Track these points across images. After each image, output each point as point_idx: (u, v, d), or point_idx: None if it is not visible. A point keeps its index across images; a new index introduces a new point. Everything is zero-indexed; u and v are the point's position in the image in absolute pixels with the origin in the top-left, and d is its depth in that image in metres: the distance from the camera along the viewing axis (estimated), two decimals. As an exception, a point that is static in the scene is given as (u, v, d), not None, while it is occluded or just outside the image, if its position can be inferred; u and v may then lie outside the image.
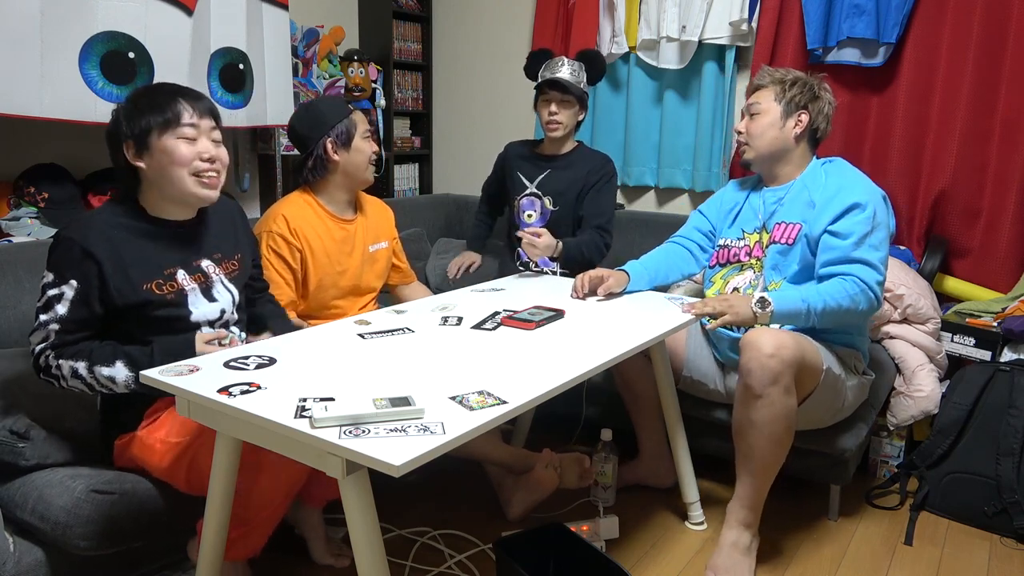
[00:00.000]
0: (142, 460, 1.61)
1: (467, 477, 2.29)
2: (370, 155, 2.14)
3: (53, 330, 1.52)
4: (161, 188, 1.59)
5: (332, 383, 1.34)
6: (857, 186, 1.91)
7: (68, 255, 1.51)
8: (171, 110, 1.55)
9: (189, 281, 1.64)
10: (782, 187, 2.06)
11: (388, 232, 2.34)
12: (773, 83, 2.04)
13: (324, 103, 2.14)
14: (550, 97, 2.54)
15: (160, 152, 1.55)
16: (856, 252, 1.83)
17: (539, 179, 2.65)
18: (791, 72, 2.06)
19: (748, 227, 2.11)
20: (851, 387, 1.96)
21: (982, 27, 2.53)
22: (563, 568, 1.72)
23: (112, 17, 2.19)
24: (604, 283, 2.04)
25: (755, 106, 2.05)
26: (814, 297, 1.82)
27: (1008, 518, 2.11)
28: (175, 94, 1.58)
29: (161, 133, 1.54)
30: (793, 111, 2.01)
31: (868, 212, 1.86)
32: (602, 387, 2.38)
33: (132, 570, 1.65)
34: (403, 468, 1.05)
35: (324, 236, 2.12)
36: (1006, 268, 2.59)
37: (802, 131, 2.01)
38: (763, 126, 2.03)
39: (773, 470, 1.85)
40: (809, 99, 2.01)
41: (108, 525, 1.52)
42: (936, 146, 2.67)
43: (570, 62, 2.55)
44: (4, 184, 2.33)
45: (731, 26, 2.97)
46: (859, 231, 1.84)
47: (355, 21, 3.75)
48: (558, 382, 1.37)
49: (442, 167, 4.04)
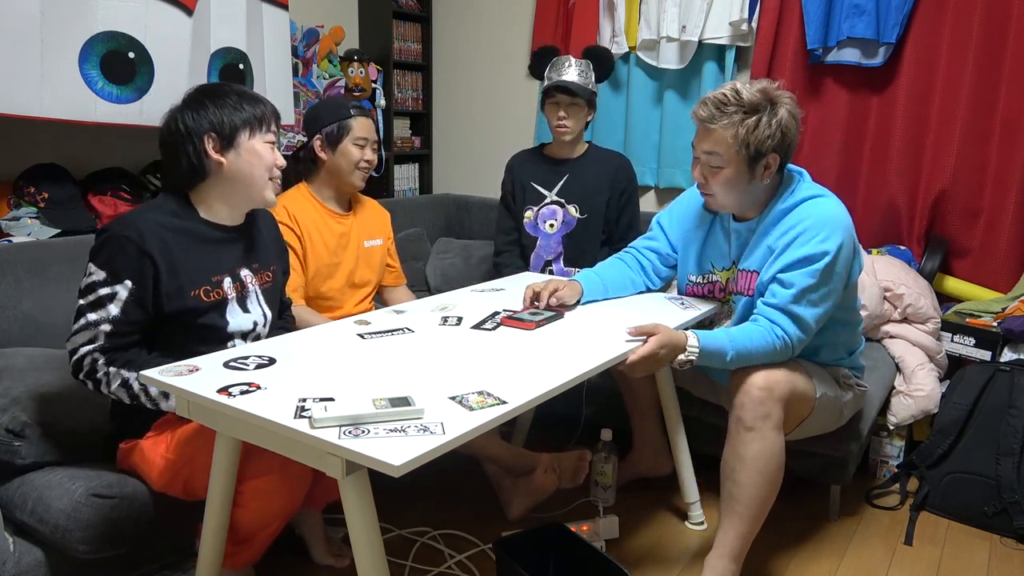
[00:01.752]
0: (141, 470, 1.60)
1: (467, 477, 2.29)
2: (356, 161, 2.15)
3: (103, 331, 1.47)
4: (234, 188, 1.59)
5: (332, 383, 1.33)
6: (818, 234, 1.70)
7: (123, 254, 1.47)
8: (263, 113, 1.57)
9: (232, 290, 1.63)
10: (748, 223, 1.86)
11: (383, 231, 2.38)
12: (726, 126, 1.69)
13: (327, 103, 2.21)
14: (558, 101, 2.45)
15: (248, 152, 1.56)
16: (793, 306, 1.70)
17: (559, 185, 2.55)
18: (741, 95, 1.69)
19: (717, 264, 1.95)
20: (847, 402, 1.95)
21: (982, 27, 2.52)
22: (563, 568, 1.72)
23: (112, 17, 2.19)
24: (557, 292, 1.88)
25: (712, 158, 1.74)
26: (739, 339, 1.71)
27: (1008, 518, 2.11)
28: (260, 100, 1.60)
29: (252, 134, 1.56)
30: (760, 158, 1.72)
31: (819, 264, 1.69)
32: (602, 387, 2.38)
33: (132, 570, 1.65)
34: (403, 468, 1.05)
35: (322, 228, 2.18)
36: (1006, 268, 2.59)
37: (774, 170, 1.76)
38: (726, 181, 1.75)
39: (761, 514, 1.74)
40: (777, 134, 1.70)
41: (108, 529, 1.52)
42: (936, 146, 2.67)
43: (577, 61, 2.47)
44: (4, 184, 2.33)
45: (731, 26, 2.97)
46: (801, 284, 1.69)
47: (355, 21, 3.75)
48: (558, 382, 1.37)
49: (442, 167, 4.04)
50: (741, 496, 1.71)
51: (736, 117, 1.69)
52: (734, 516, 1.73)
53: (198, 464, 1.51)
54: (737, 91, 1.71)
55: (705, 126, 1.74)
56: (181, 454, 1.54)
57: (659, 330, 1.64)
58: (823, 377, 1.88)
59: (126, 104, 2.26)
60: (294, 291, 2.06)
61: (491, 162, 2.88)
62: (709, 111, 1.72)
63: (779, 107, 1.71)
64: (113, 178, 2.49)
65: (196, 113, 1.54)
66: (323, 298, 2.20)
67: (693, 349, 1.67)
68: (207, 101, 1.56)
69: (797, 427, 1.85)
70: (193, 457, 1.52)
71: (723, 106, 1.70)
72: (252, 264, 1.69)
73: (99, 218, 2.38)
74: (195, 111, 1.55)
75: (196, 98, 1.57)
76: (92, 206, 2.41)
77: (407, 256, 2.95)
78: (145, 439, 1.60)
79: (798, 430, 1.87)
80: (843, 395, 1.93)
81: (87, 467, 1.63)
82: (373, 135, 2.19)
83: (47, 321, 1.96)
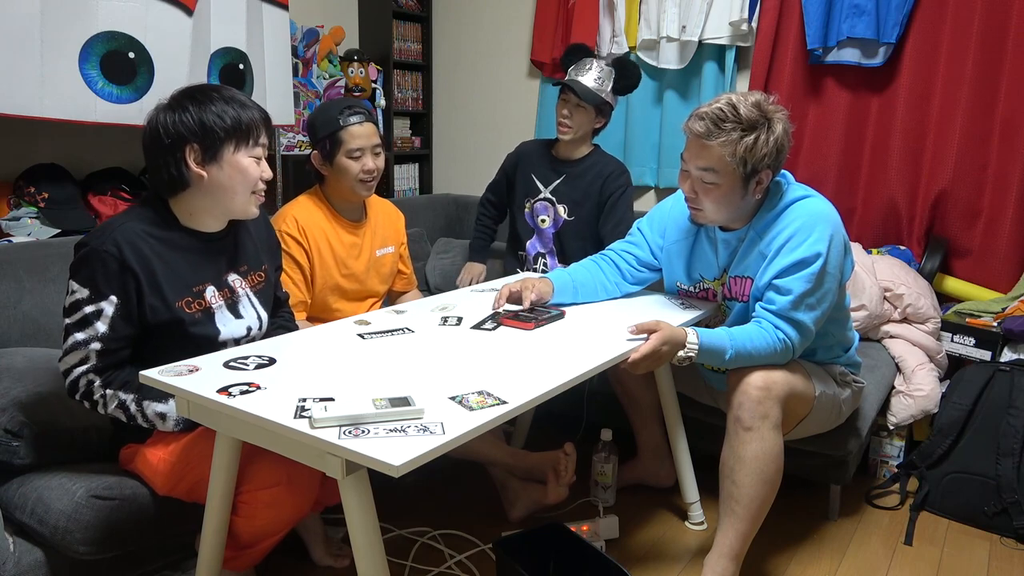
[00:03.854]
0: (145, 475, 1.59)
1: (467, 477, 2.29)
2: (355, 175, 2.05)
3: (94, 350, 1.44)
4: (215, 200, 1.52)
5: (332, 383, 1.33)
6: (808, 235, 1.70)
7: (105, 269, 1.42)
8: (250, 127, 1.50)
9: (216, 298, 1.58)
10: (736, 233, 1.84)
11: (396, 237, 2.32)
12: (724, 143, 1.66)
13: (320, 112, 2.08)
14: (567, 98, 2.45)
15: (231, 167, 1.49)
16: (792, 312, 1.70)
17: (554, 185, 2.56)
18: (738, 110, 1.66)
19: (707, 274, 1.94)
20: (845, 399, 1.95)
21: (982, 27, 2.52)
22: (563, 568, 1.72)
23: (112, 17, 2.19)
24: (531, 291, 1.85)
25: (707, 174, 1.71)
26: (739, 338, 1.70)
27: (1008, 518, 2.11)
28: (249, 108, 1.51)
29: (237, 147, 1.49)
30: (755, 175, 1.70)
31: (813, 268, 1.68)
32: (602, 388, 2.38)
33: (132, 570, 1.65)
34: (403, 468, 1.05)
35: (332, 239, 2.12)
36: (1006, 268, 2.59)
37: (766, 185, 1.75)
38: (719, 199, 1.73)
39: (760, 514, 1.73)
40: (773, 151, 1.68)
41: (108, 530, 1.52)
42: (936, 146, 2.67)
43: (600, 66, 2.45)
44: (4, 184, 2.33)
45: (731, 26, 2.97)
46: (799, 289, 1.68)
47: (355, 21, 3.75)
48: (558, 382, 1.37)
49: (442, 167, 4.04)
50: (740, 496, 1.71)
51: (735, 135, 1.66)
52: (733, 516, 1.73)
53: (202, 469, 1.50)
54: (734, 106, 1.67)
55: (701, 142, 1.69)
56: (185, 459, 1.54)
57: (660, 327, 1.64)
58: (821, 375, 1.88)
59: (126, 104, 2.25)
60: (295, 305, 2.00)
61: (491, 162, 2.88)
62: (706, 127, 1.68)
63: (775, 124, 1.69)
64: (113, 178, 2.50)
65: (178, 119, 1.45)
66: (330, 310, 2.15)
67: (692, 346, 1.67)
68: (190, 106, 1.46)
69: (796, 426, 1.86)
70: (199, 463, 1.51)
71: (721, 122, 1.66)
72: (240, 267, 1.64)
73: (99, 218, 2.39)
74: (177, 117, 1.46)
75: (179, 102, 1.48)
76: (92, 206, 2.41)
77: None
78: (147, 445, 1.59)
79: (797, 429, 1.87)
80: (841, 392, 1.93)
81: (87, 468, 1.63)
82: (371, 140, 2.07)
83: (47, 321, 1.95)
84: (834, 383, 1.92)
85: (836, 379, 1.93)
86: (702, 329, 1.71)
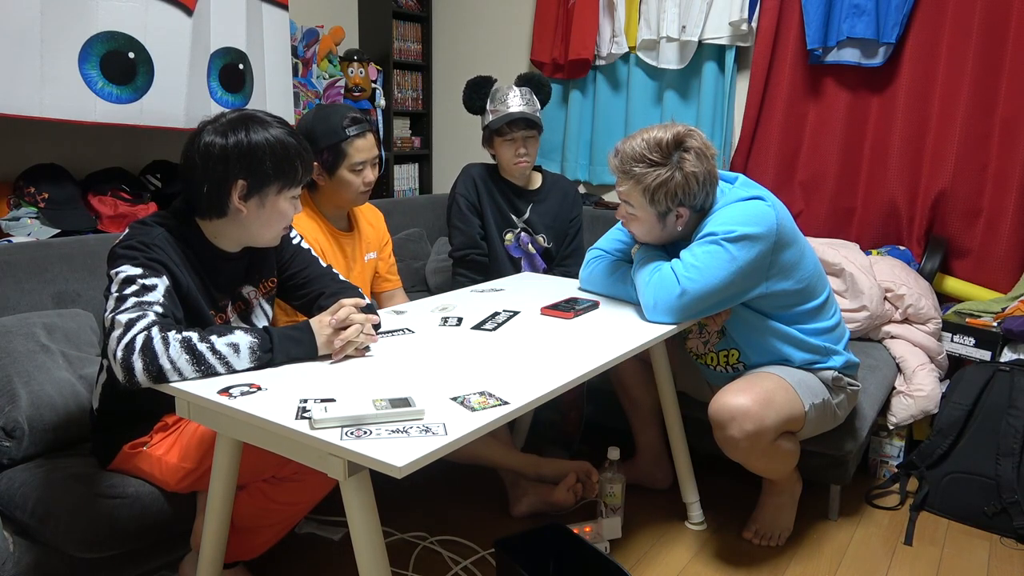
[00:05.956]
0: (151, 476, 1.59)
1: (467, 478, 2.29)
2: (356, 188, 2.00)
3: (156, 311, 1.34)
4: (244, 231, 1.51)
5: (332, 384, 1.33)
6: (730, 225, 1.74)
7: (152, 254, 1.40)
8: (296, 169, 1.48)
9: (231, 311, 1.60)
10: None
11: (378, 239, 2.26)
12: (634, 183, 1.74)
13: (321, 119, 1.97)
14: (514, 137, 2.36)
15: (271, 208, 1.48)
16: (686, 254, 1.76)
17: (526, 216, 2.50)
18: (649, 151, 1.72)
19: None
20: (839, 403, 1.95)
21: (982, 27, 2.53)
22: (563, 568, 1.72)
23: (112, 17, 2.19)
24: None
25: (627, 205, 1.81)
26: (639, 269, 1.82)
27: (1008, 518, 2.11)
28: (296, 147, 1.48)
29: (280, 191, 1.48)
30: (668, 211, 1.77)
31: (716, 237, 1.73)
32: (602, 387, 2.38)
33: (132, 570, 1.65)
34: (406, 469, 1.05)
35: (326, 250, 2.07)
36: (1006, 268, 2.59)
37: (687, 218, 1.79)
38: (641, 227, 1.83)
39: (791, 473, 2.01)
40: (681, 191, 1.72)
41: (108, 529, 1.52)
42: (936, 146, 2.67)
43: (519, 90, 2.38)
44: (4, 184, 2.33)
45: (731, 26, 2.97)
46: (698, 247, 1.75)
47: (355, 21, 3.75)
48: (559, 382, 1.37)
49: (442, 167, 4.04)
50: (766, 476, 1.98)
51: (644, 174, 1.72)
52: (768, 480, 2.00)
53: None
54: (648, 145, 1.72)
55: (617, 175, 1.80)
56: (199, 460, 1.55)
57: None
58: (809, 386, 1.88)
59: (126, 104, 2.25)
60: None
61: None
62: (619, 164, 1.77)
63: (685, 163, 1.72)
64: (113, 178, 2.49)
65: (231, 149, 1.42)
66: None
67: None
68: (244, 137, 1.43)
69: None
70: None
71: (634, 162, 1.74)
72: (255, 278, 1.65)
73: (99, 218, 2.38)
74: (230, 145, 1.42)
75: (234, 129, 1.43)
76: (92, 206, 2.40)
77: (407, 256, 2.95)
78: (152, 446, 1.59)
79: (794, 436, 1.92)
80: (834, 397, 1.94)
81: (87, 467, 1.63)
82: (373, 153, 2.00)
83: (47, 321, 1.95)
84: (826, 390, 1.92)
85: (828, 384, 1.92)
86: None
